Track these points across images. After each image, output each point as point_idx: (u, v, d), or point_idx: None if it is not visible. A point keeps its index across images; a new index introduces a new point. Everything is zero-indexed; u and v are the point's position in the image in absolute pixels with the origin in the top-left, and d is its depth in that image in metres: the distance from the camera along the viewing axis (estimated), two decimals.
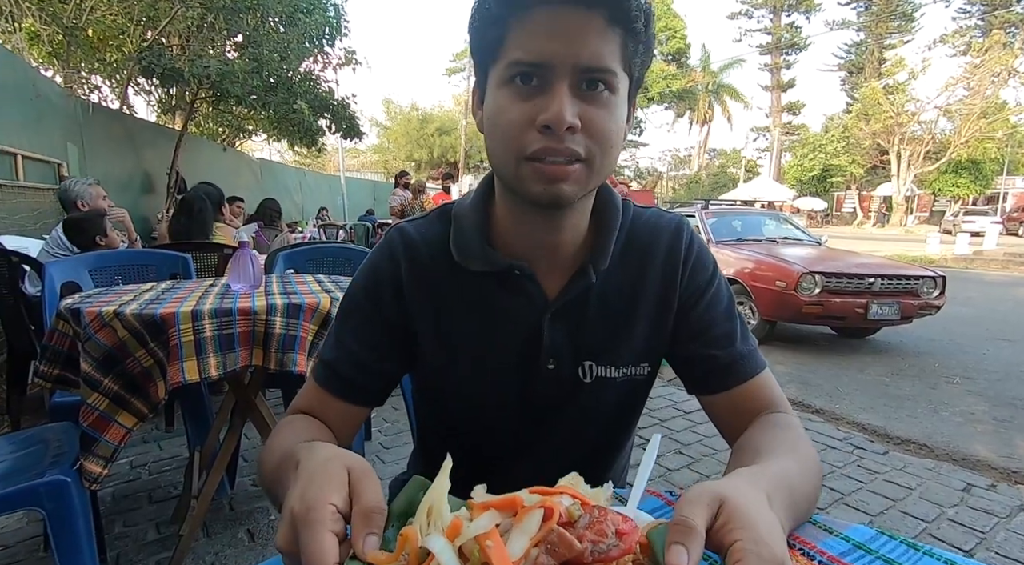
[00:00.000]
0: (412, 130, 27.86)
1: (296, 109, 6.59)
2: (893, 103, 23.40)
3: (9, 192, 3.33)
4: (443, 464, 0.37)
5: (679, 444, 2.50)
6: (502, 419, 0.70)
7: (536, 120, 0.53)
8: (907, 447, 2.55)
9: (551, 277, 0.65)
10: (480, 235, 0.65)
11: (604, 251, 0.65)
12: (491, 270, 0.64)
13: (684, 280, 0.67)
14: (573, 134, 0.53)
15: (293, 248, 2.49)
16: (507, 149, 0.56)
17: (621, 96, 0.56)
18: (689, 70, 32.18)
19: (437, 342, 0.67)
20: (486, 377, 0.68)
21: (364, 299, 0.67)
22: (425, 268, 0.66)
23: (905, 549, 0.44)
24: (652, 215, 0.71)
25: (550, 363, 0.66)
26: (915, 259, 10.62)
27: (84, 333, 1.22)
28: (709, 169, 36.82)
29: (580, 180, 0.56)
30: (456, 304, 0.66)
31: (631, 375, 0.68)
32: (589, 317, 0.66)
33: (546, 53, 0.52)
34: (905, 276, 4.34)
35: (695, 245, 0.69)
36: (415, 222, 0.70)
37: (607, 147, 0.55)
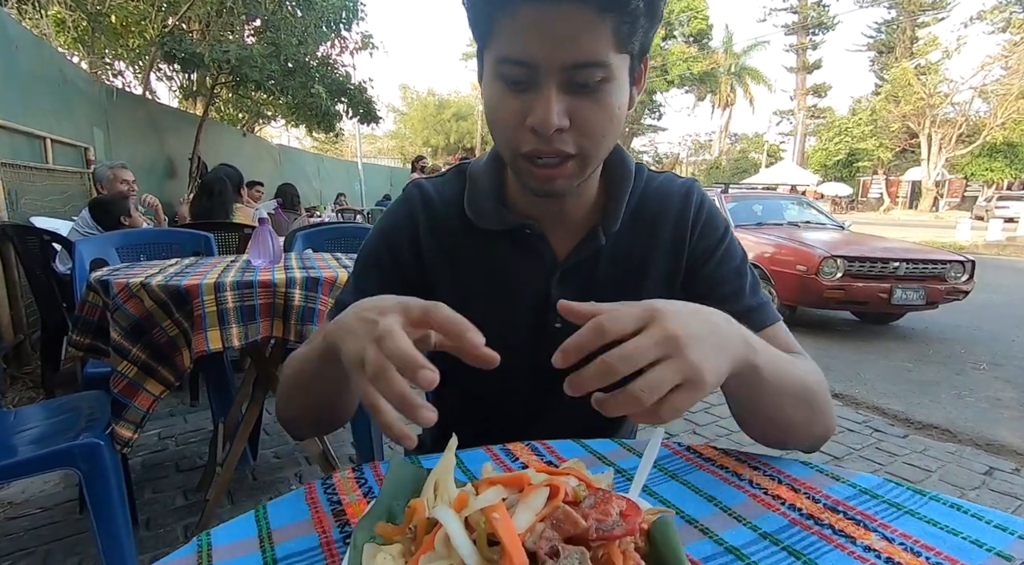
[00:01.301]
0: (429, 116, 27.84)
1: (314, 93, 6.63)
2: (925, 84, 22.56)
3: (40, 175, 3.43)
4: (449, 442, 0.38)
5: (694, 424, 2.50)
6: (513, 380, 0.69)
7: (526, 120, 0.53)
8: (928, 431, 2.51)
9: (562, 238, 0.66)
10: (494, 195, 0.67)
11: (615, 214, 0.65)
12: (503, 229, 0.65)
13: (693, 242, 0.67)
14: (562, 133, 0.53)
15: (312, 228, 2.53)
16: (503, 143, 0.57)
17: (618, 80, 0.54)
18: (711, 52, 31.42)
19: (450, 299, 0.68)
20: (497, 336, 0.68)
21: (383, 251, 0.68)
22: (442, 225, 0.68)
23: (911, 494, 0.45)
24: (664, 179, 0.71)
25: (557, 321, 0.66)
26: (944, 245, 10.32)
27: (113, 303, 1.27)
28: (730, 154, 36.13)
29: (573, 174, 0.57)
30: (470, 262, 0.68)
31: None
32: (598, 279, 0.67)
33: (532, 53, 0.51)
34: (932, 260, 4.23)
35: (705, 207, 0.69)
36: (433, 179, 0.72)
37: (599, 139, 0.56)
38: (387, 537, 0.34)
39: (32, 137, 3.45)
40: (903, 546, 0.38)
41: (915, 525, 0.41)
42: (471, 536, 0.30)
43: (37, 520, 1.67)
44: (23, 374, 2.81)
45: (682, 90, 32.34)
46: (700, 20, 29.43)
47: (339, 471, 0.49)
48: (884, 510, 0.43)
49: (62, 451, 1.17)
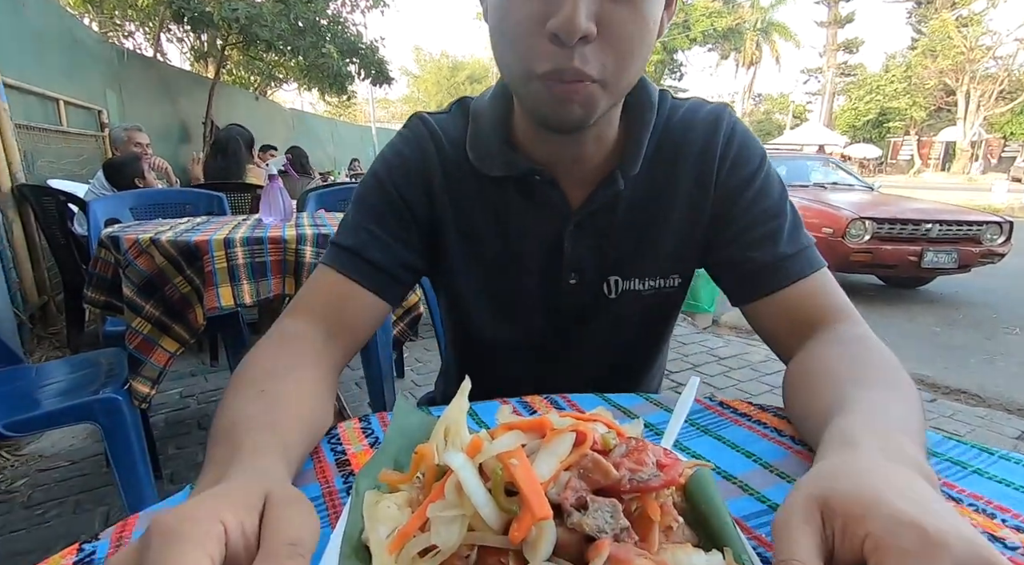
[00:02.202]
0: (443, 78, 27.26)
1: (325, 54, 6.49)
2: (966, 36, 21.29)
3: (55, 137, 3.42)
4: (462, 385, 0.33)
5: (713, 389, 2.47)
6: (526, 334, 0.67)
7: (546, 24, 0.44)
8: (957, 396, 2.44)
9: (575, 184, 0.59)
10: (499, 137, 0.59)
11: (635, 155, 0.58)
12: (510, 175, 0.58)
13: (720, 177, 0.59)
14: (586, 48, 0.45)
15: (325, 188, 2.49)
16: (514, 63, 0.48)
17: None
18: (736, 7, 29.90)
19: (460, 245, 0.63)
20: (507, 291, 0.64)
21: (391, 187, 0.60)
22: (452, 169, 0.61)
23: (977, 452, 0.40)
24: (690, 107, 0.62)
25: (572, 278, 0.62)
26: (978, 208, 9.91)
27: (124, 259, 1.25)
28: (754, 116, 34.86)
29: (594, 101, 0.48)
30: (477, 209, 0.61)
31: (660, 287, 0.63)
32: (616, 228, 0.60)
33: None
34: (966, 221, 4.04)
35: (736, 137, 0.60)
36: (436, 115, 0.64)
37: (628, 60, 0.47)
38: (392, 485, 0.31)
39: (45, 99, 3.42)
40: (974, 507, 0.34)
41: (985, 485, 0.36)
42: (486, 485, 0.26)
43: (67, 472, 1.72)
44: (49, 334, 2.87)
45: (705, 48, 31.01)
46: None
47: (345, 421, 0.46)
48: (948, 469, 0.38)
49: (82, 405, 1.18)
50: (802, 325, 0.53)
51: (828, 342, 0.49)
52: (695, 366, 2.74)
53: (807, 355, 0.49)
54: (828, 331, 0.51)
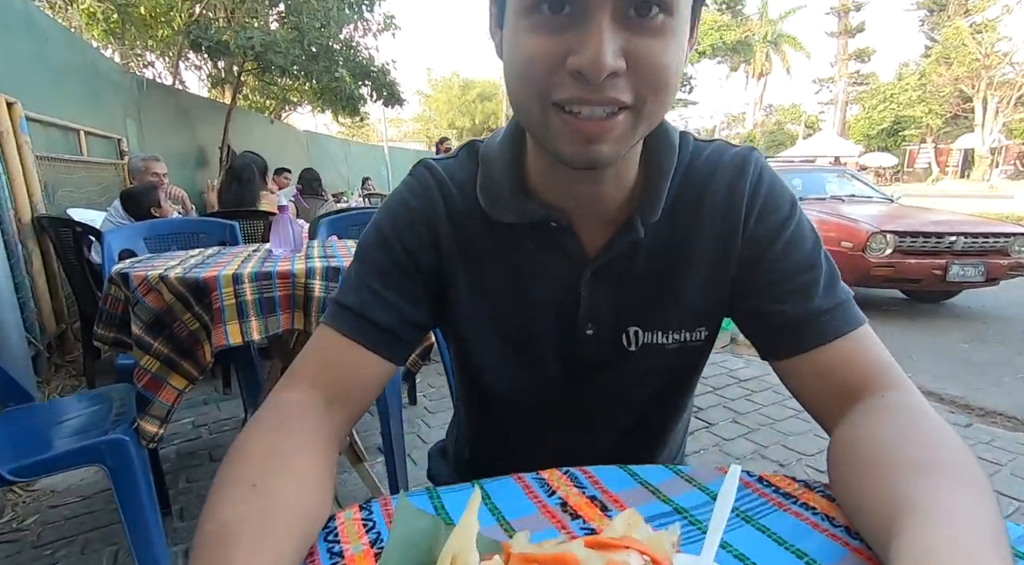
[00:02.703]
0: (454, 97, 27.64)
1: (337, 77, 6.60)
2: (981, 43, 21.03)
3: (75, 166, 3.49)
4: (470, 499, 0.29)
5: (734, 413, 2.39)
6: (541, 387, 0.63)
7: (567, 62, 0.41)
8: (992, 419, 2.33)
9: (592, 230, 0.56)
10: (511, 181, 0.56)
11: (655, 201, 0.54)
12: (524, 222, 0.55)
13: (749, 226, 0.55)
14: (616, 79, 0.41)
15: (336, 214, 2.49)
16: (529, 91, 0.44)
17: (683, 16, 0.43)
18: (745, 19, 29.99)
19: (471, 300, 0.60)
20: (521, 342, 0.60)
21: (395, 241, 0.57)
22: (457, 214, 0.58)
23: None
24: (714, 150, 0.58)
25: (589, 328, 0.58)
26: (1001, 217, 9.67)
27: (133, 297, 1.24)
28: (765, 127, 34.71)
29: (624, 135, 0.45)
30: (488, 257, 0.58)
31: (685, 341, 0.59)
32: (635, 277, 0.56)
33: None
34: (993, 233, 3.92)
35: (764, 182, 0.56)
36: (442, 160, 0.61)
37: (661, 88, 0.43)
38: None
39: (67, 130, 3.50)
40: None
41: None
42: None
43: (77, 509, 1.70)
44: (66, 362, 2.89)
45: (714, 61, 31.09)
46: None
47: (343, 511, 0.42)
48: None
49: (88, 447, 1.15)
50: (843, 389, 0.48)
51: (876, 411, 0.44)
52: (715, 389, 2.66)
53: (853, 428, 0.44)
54: (875, 398, 0.46)
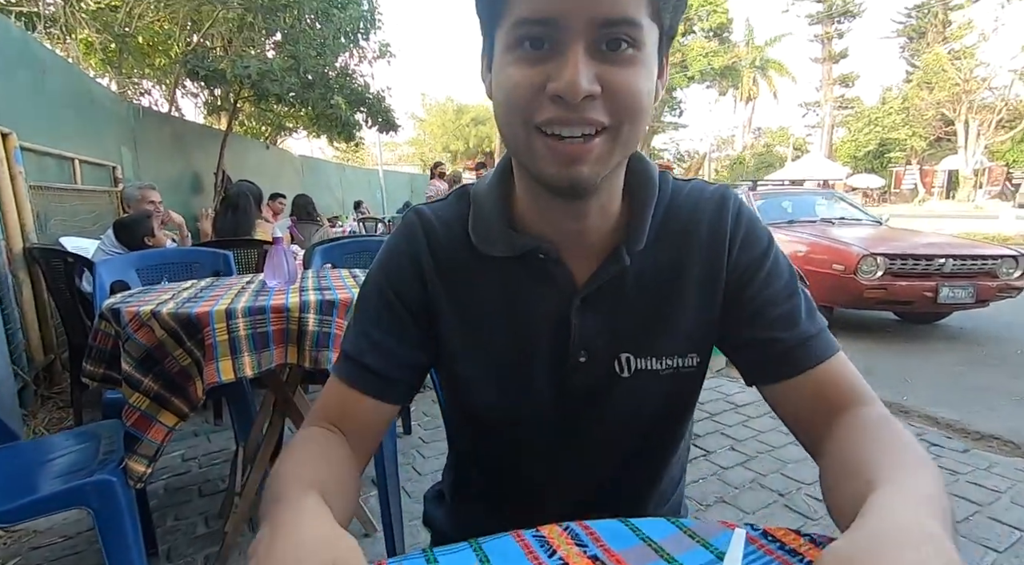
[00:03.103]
0: (448, 121, 28.02)
1: (333, 104, 6.67)
2: (960, 69, 21.65)
3: (68, 195, 3.48)
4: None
5: (732, 440, 2.37)
6: (534, 418, 0.63)
7: (547, 87, 0.46)
8: (989, 443, 2.32)
9: (580, 260, 0.59)
10: (500, 217, 0.60)
11: (639, 230, 0.58)
12: (513, 254, 0.58)
13: (732, 257, 0.59)
14: (593, 101, 0.46)
15: (330, 243, 2.49)
16: (515, 117, 0.49)
17: (649, 51, 0.48)
18: (732, 46, 30.79)
19: (461, 332, 0.62)
20: (514, 372, 0.62)
21: (386, 286, 0.62)
22: (446, 252, 0.61)
23: None
24: (694, 187, 0.63)
25: (581, 356, 0.59)
26: (988, 237, 9.82)
27: (124, 333, 1.23)
28: (754, 149, 35.31)
29: (602, 157, 0.49)
30: (479, 292, 0.61)
31: (677, 368, 0.61)
32: (624, 304, 0.59)
33: (555, 7, 0.45)
34: (980, 255, 3.98)
35: (743, 217, 0.60)
36: (433, 204, 0.65)
37: (635, 112, 0.48)
38: None
39: (61, 159, 3.51)
40: None
41: None
42: None
43: (60, 550, 1.65)
44: (54, 394, 2.84)
45: (703, 85, 31.79)
46: (720, 14, 28.90)
47: None
48: None
49: (73, 490, 1.12)
50: (827, 409, 0.54)
51: (855, 428, 0.49)
52: (712, 415, 2.65)
53: (839, 447, 0.49)
54: (851, 416, 0.51)
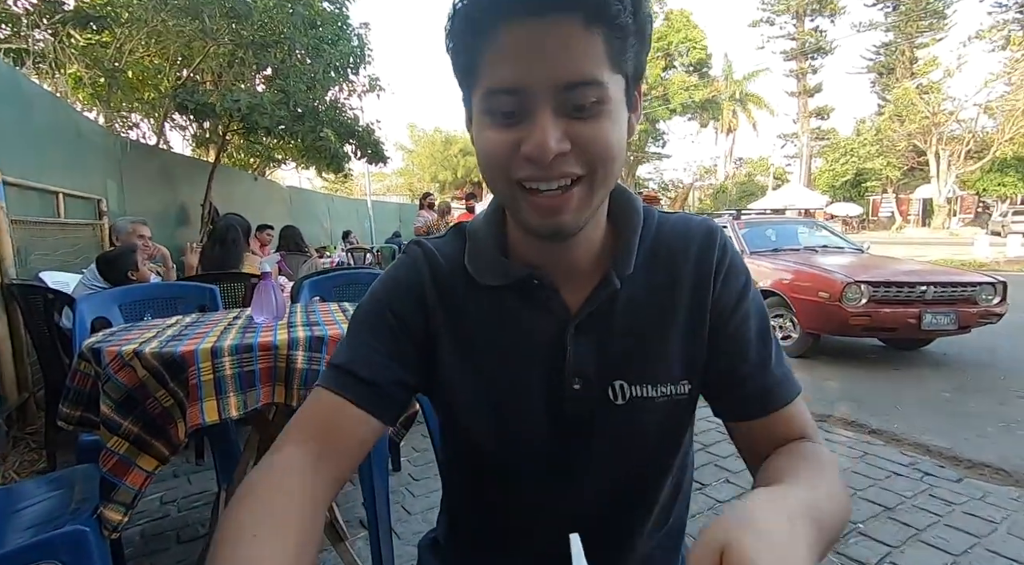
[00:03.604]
0: (436, 152, 28.36)
1: (323, 137, 6.72)
2: (928, 103, 22.57)
3: (51, 229, 3.43)
4: None
5: (727, 472, 2.34)
6: (530, 446, 0.63)
7: (520, 149, 0.49)
8: (981, 471, 2.32)
9: (573, 288, 0.61)
10: (495, 247, 0.63)
11: (627, 256, 0.60)
12: (508, 283, 0.61)
13: (717, 289, 0.61)
14: (565, 156, 0.49)
15: (319, 275, 2.47)
16: (495, 173, 0.53)
17: (616, 101, 0.50)
18: (711, 80, 31.88)
19: (459, 360, 0.62)
20: (509, 400, 0.62)
21: (384, 306, 0.63)
22: (446, 283, 0.63)
23: None
24: (680, 218, 0.66)
25: (576, 383, 0.60)
26: (964, 263, 10.07)
27: (104, 374, 1.19)
28: (736, 178, 36.17)
29: (581, 204, 0.52)
30: (476, 320, 0.62)
31: (670, 395, 0.62)
32: (616, 330, 0.61)
33: (520, 77, 0.47)
34: (960, 283, 4.06)
35: (728, 252, 0.63)
36: (432, 239, 0.67)
37: (607, 159, 0.51)
38: None
39: (45, 193, 3.47)
40: None
41: None
42: None
43: None
44: (27, 435, 2.73)
45: (685, 118, 32.72)
46: (699, 50, 30.02)
47: None
48: None
49: (43, 542, 1.06)
50: (779, 443, 0.59)
51: (788, 453, 0.56)
52: (706, 446, 2.62)
53: (768, 466, 0.56)
54: (796, 444, 0.58)
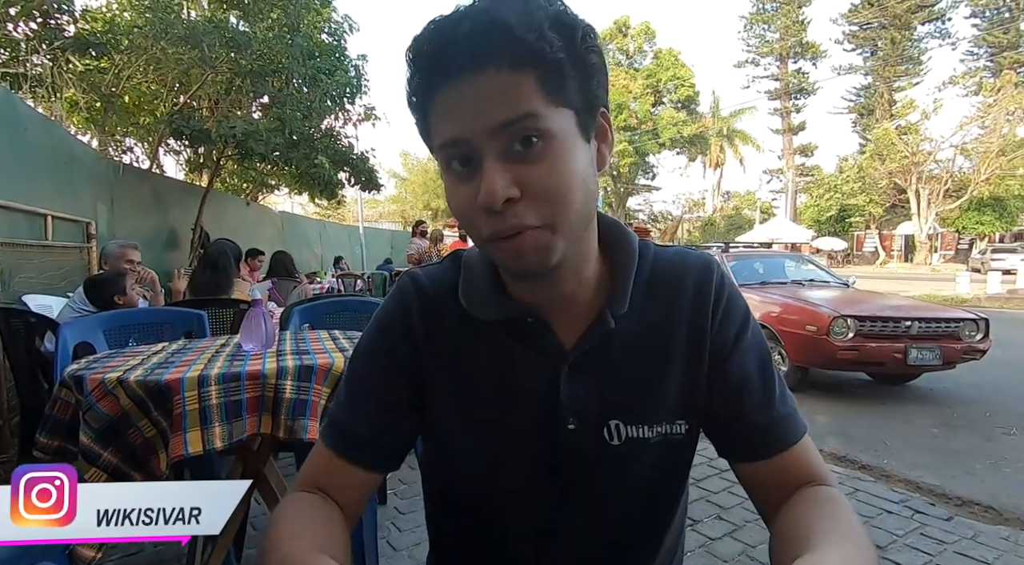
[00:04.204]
0: (429, 180, 28.62)
1: (317, 164, 6.78)
2: (907, 143, 23.35)
3: (37, 252, 3.39)
4: None
5: (719, 509, 2.31)
6: (523, 491, 0.62)
7: (476, 202, 0.50)
8: (971, 509, 2.31)
9: (567, 326, 0.60)
10: (490, 282, 0.61)
11: (621, 294, 0.59)
12: (502, 319, 0.59)
13: (715, 325, 0.61)
14: (515, 205, 0.49)
15: (309, 302, 2.46)
16: (469, 231, 0.54)
17: (565, 134, 0.50)
18: (699, 116, 32.84)
19: (449, 397, 0.61)
20: (501, 440, 0.60)
21: (377, 350, 0.63)
22: (437, 317, 0.62)
23: None
24: (676, 253, 0.65)
25: (571, 423, 0.59)
26: (947, 299, 10.25)
27: (86, 402, 1.16)
28: (723, 211, 36.88)
29: (546, 247, 0.51)
30: (469, 357, 0.61)
31: (667, 434, 0.60)
32: (613, 368, 0.60)
33: (461, 128, 0.49)
34: (944, 319, 4.13)
35: (726, 286, 0.62)
36: (427, 268, 0.67)
37: (562, 202, 0.50)
38: None
39: (33, 215, 3.44)
40: None
41: None
42: None
43: None
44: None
45: (674, 152, 33.53)
46: (687, 87, 31.03)
47: None
48: None
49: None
50: (790, 486, 0.58)
51: (805, 502, 0.54)
52: (697, 481, 2.59)
53: (787, 517, 0.54)
54: (811, 491, 0.56)
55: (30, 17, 4.76)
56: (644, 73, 30.27)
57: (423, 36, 0.50)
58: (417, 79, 0.51)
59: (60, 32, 4.98)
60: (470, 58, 0.47)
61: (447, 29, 0.48)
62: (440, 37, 0.49)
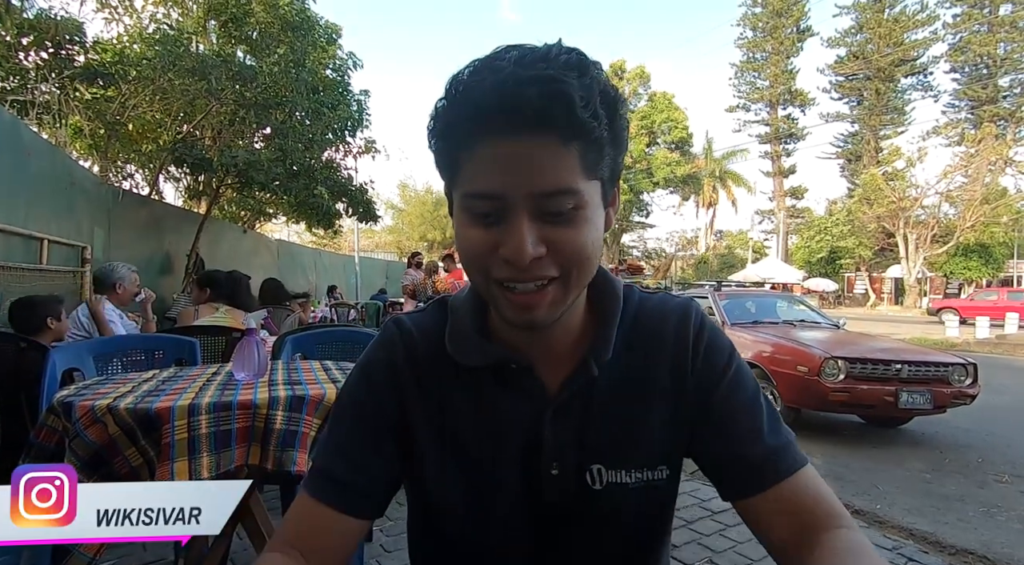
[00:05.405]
0: (426, 212, 28.94)
1: (316, 194, 6.86)
2: (894, 189, 23.94)
3: (31, 275, 3.38)
4: None
5: (710, 552, 2.26)
6: (505, 533, 0.62)
7: (498, 251, 0.51)
8: (964, 558, 2.28)
9: (551, 371, 0.61)
10: (474, 328, 0.62)
11: (605, 341, 0.60)
12: (486, 364, 0.60)
13: (696, 367, 0.61)
14: (540, 260, 0.50)
15: (302, 332, 2.46)
16: (474, 269, 0.54)
17: (592, 205, 0.52)
18: (693, 157, 33.64)
19: (434, 443, 0.62)
20: (486, 484, 0.61)
21: (361, 396, 0.63)
22: (422, 362, 0.63)
23: None
24: (658, 300, 0.66)
25: (554, 468, 0.59)
26: (937, 343, 10.33)
27: (73, 429, 1.15)
28: (716, 250, 37.35)
29: (556, 301, 0.53)
30: (453, 402, 0.62)
31: (648, 480, 0.61)
32: (594, 414, 0.60)
33: (499, 186, 0.49)
34: (934, 363, 4.15)
35: (706, 328, 0.63)
36: (413, 315, 0.68)
37: (582, 261, 0.52)
38: None
39: (29, 239, 3.45)
40: None
41: None
42: None
43: None
44: None
45: (667, 191, 34.16)
46: (680, 129, 31.87)
47: None
48: None
49: None
50: (800, 528, 0.54)
51: (834, 555, 0.50)
52: (688, 523, 2.55)
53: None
54: (829, 539, 0.52)
55: (42, 47, 4.88)
56: (639, 114, 31.12)
57: (483, 85, 0.48)
58: (462, 123, 0.50)
59: (70, 62, 5.10)
60: (530, 122, 0.47)
61: (512, 89, 0.47)
62: (504, 94, 0.47)
